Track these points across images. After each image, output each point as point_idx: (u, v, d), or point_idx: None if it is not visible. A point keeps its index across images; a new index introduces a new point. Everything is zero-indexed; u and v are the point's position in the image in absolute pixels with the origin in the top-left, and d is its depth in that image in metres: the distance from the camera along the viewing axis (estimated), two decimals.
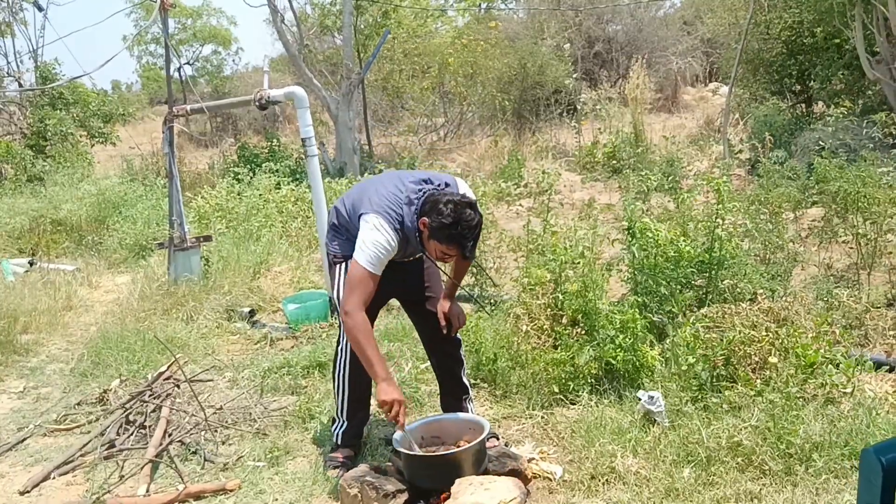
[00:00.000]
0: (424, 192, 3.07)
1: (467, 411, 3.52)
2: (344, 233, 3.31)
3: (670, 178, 8.17)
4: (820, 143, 8.23)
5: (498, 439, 3.47)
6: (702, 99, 18.29)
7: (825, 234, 5.44)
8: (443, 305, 3.43)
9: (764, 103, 11.35)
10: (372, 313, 3.42)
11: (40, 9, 12.55)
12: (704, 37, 18.34)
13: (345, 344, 3.37)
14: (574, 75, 14.78)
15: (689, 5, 20.88)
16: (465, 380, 3.60)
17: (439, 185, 3.14)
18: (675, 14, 21.22)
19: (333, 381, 3.48)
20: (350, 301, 3.00)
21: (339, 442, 3.48)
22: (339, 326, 3.40)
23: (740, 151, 10.17)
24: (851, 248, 5.19)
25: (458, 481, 2.85)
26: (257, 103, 5.41)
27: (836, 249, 5.66)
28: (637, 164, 9.49)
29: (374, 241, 2.99)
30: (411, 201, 3.07)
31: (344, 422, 3.47)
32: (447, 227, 2.92)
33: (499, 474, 2.98)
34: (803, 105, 11.53)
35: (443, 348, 3.55)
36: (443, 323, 3.41)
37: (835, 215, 5.56)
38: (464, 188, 3.22)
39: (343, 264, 3.29)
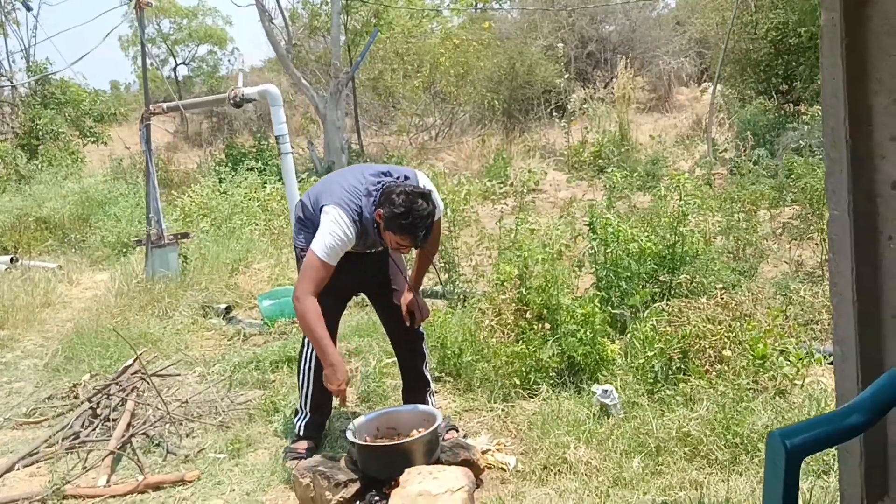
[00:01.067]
0: (383, 185, 3.13)
1: (428, 404, 3.56)
2: (310, 226, 3.34)
3: (651, 177, 8.20)
4: (801, 141, 8.27)
5: (457, 431, 3.52)
6: (694, 99, 18.29)
7: (795, 231, 5.48)
8: (406, 298, 3.48)
9: (751, 103, 11.38)
10: (337, 307, 3.47)
11: (28, 8, 12.61)
12: (695, 37, 18.34)
13: None
14: (565, 75, 14.79)
15: (683, 6, 20.86)
16: (426, 373, 3.64)
17: (398, 178, 3.19)
18: (669, 14, 21.20)
19: (298, 374, 3.52)
20: (300, 287, 3.08)
21: (301, 433, 3.52)
22: None
23: (725, 150, 10.20)
24: (816, 244, 5.22)
25: (407, 470, 2.88)
26: (232, 101, 5.45)
27: (808, 246, 5.69)
28: (621, 163, 9.52)
29: (331, 232, 3.06)
30: (370, 193, 3.12)
31: (307, 413, 3.52)
32: (398, 216, 2.97)
33: (451, 464, 3.02)
34: (791, 104, 11.56)
35: (405, 342, 3.60)
36: (405, 315, 3.47)
37: (810, 213, 5.60)
38: (424, 181, 3.26)
39: None
